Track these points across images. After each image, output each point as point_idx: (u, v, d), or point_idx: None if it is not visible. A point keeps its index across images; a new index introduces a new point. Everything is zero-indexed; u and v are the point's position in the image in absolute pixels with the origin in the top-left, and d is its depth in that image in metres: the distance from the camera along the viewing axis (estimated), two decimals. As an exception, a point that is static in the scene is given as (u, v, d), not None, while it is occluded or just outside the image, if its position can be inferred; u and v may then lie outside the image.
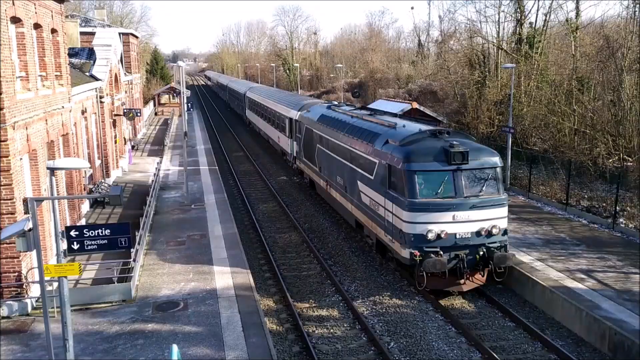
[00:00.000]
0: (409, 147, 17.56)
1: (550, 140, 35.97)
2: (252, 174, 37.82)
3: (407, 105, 45.38)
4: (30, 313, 15.65)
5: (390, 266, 19.80)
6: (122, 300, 16.32)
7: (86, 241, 11.25)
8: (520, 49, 43.99)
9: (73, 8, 63.49)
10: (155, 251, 20.68)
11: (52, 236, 17.57)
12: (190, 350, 13.45)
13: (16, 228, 10.51)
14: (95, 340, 14.04)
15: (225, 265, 19.12)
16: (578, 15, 41.75)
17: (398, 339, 14.93)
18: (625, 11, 35.85)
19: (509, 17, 47.49)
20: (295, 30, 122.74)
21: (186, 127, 30.82)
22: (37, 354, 13.40)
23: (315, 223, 25.50)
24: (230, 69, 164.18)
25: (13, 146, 15.27)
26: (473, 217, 16.76)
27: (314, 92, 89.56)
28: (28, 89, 17.17)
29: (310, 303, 17.34)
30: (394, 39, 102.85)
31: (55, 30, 20.70)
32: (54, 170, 10.80)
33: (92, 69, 31.80)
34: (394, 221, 17.53)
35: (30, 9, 17.29)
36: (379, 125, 21.39)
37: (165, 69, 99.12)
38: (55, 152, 19.93)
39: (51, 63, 19.82)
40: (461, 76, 49.75)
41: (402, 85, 68.65)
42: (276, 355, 13.44)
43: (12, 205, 15.18)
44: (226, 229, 23.23)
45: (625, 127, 31.08)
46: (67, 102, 21.82)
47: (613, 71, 32.93)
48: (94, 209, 26.49)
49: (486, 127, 43.54)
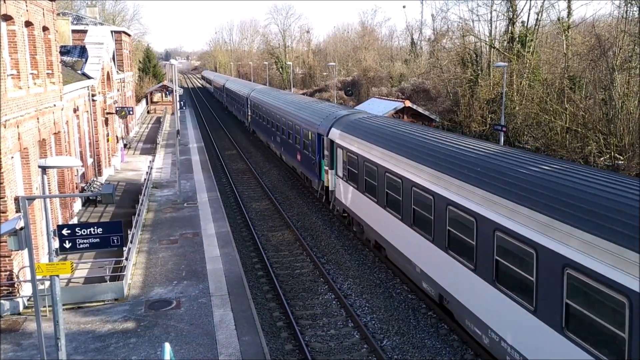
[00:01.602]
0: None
1: (542, 139, 36.15)
2: (244, 172, 37.78)
3: (400, 104, 45.54)
4: (21, 312, 15.60)
5: (383, 264, 19.85)
6: (115, 299, 16.29)
7: (78, 240, 11.23)
8: (513, 47, 44.19)
9: (65, 6, 63.25)
10: (147, 250, 20.64)
11: (43, 235, 17.51)
12: (182, 349, 13.44)
13: (8, 227, 10.47)
14: (88, 339, 14.01)
15: (217, 263, 19.11)
16: (570, 14, 41.98)
17: (391, 337, 14.97)
18: (616, 10, 36.08)
19: (501, 16, 47.72)
20: (288, 28, 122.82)
21: (179, 125, 30.75)
22: (29, 353, 13.35)
23: (308, 221, 25.51)
24: (223, 67, 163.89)
25: (4, 144, 15.19)
26: None
27: (307, 91, 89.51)
28: (19, 87, 17.08)
29: (303, 301, 17.35)
30: (386, 38, 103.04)
31: (47, 28, 20.61)
32: (45, 168, 10.77)
33: (84, 67, 31.67)
34: None
35: (21, 6, 17.20)
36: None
37: (158, 67, 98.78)
38: (47, 151, 19.86)
39: (43, 61, 19.72)
40: (454, 75, 49.92)
41: (394, 84, 68.73)
42: (269, 354, 13.46)
43: (3, 204, 15.11)
44: (219, 227, 23.21)
45: (616, 125, 31.27)
46: (58, 100, 21.73)
47: (604, 70, 33.12)
48: (86, 207, 26.40)
49: (478, 125, 43.72)
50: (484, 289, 12.16)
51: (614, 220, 9.04)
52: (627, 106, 30.91)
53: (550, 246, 9.93)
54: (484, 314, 12.30)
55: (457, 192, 13.25)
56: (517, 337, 11.09)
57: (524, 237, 10.64)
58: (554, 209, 10.22)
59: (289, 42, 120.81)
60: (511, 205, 11.28)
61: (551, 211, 10.24)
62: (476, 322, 12.64)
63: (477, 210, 12.27)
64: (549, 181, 11.03)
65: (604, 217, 9.23)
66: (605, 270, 8.75)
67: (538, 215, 10.45)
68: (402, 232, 16.65)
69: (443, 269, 14.15)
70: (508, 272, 11.32)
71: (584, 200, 9.89)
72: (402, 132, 18.58)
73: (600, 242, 8.97)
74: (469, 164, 13.53)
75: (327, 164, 24.96)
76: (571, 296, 9.52)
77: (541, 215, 10.37)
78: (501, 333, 11.61)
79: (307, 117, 29.30)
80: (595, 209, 9.50)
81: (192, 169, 36.05)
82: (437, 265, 14.52)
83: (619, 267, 8.51)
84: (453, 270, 13.54)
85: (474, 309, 12.70)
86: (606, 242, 8.86)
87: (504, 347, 11.48)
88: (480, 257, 12.25)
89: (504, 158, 13.15)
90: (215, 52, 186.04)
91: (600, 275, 8.83)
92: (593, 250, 9.03)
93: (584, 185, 10.41)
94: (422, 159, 15.53)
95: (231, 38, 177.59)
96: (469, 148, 14.67)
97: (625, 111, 30.94)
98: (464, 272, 12.98)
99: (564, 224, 9.79)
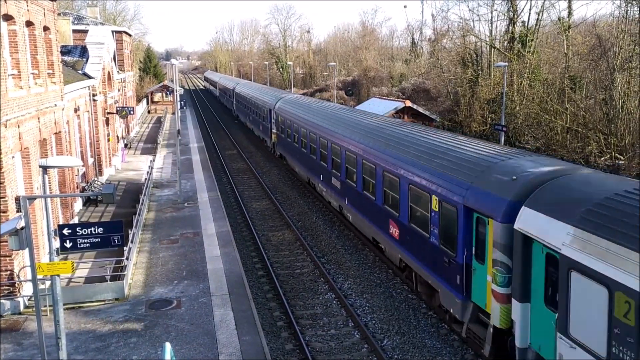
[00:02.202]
0: None
1: (543, 139, 36.17)
2: (245, 171, 37.78)
3: (400, 104, 45.54)
4: (22, 312, 15.61)
5: (384, 264, 19.85)
6: (115, 299, 16.30)
7: (79, 239, 11.24)
8: (513, 47, 44.21)
9: (65, 6, 63.26)
10: (148, 249, 20.66)
11: (44, 234, 17.52)
12: (183, 349, 13.46)
13: (8, 226, 10.49)
14: (88, 339, 14.02)
15: (218, 263, 19.12)
16: (570, 14, 42.00)
17: (391, 337, 14.98)
18: (617, 10, 36.09)
19: (501, 16, 47.76)
20: (288, 28, 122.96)
21: (179, 124, 30.77)
22: (30, 353, 13.37)
23: (309, 221, 25.52)
24: (224, 67, 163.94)
25: (5, 144, 15.21)
26: None
27: (307, 90, 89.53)
28: (20, 86, 17.10)
29: (303, 301, 17.36)
30: (387, 38, 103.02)
31: (48, 28, 20.62)
32: (46, 168, 10.79)
33: (85, 66, 31.69)
34: None
35: (22, 6, 17.22)
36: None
37: (158, 67, 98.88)
38: (47, 150, 19.87)
39: (43, 61, 19.74)
40: (454, 74, 49.94)
41: (395, 84, 68.76)
42: (269, 353, 13.47)
43: (4, 203, 15.12)
44: (219, 227, 23.22)
45: (617, 125, 31.28)
46: (59, 100, 21.74)
47: (605, 70, 33.14)
48: (86, 207, 26.42)
49: (479, 125, 43.73)
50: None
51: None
52: (627, 106, 30.94)
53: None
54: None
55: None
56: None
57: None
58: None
59: (289, 42, 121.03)
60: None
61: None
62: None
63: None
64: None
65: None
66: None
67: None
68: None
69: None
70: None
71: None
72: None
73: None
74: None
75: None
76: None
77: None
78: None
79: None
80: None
81: (193, 168, 36.07)
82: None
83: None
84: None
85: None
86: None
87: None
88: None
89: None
90: (216, 52, 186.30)
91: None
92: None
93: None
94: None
95: (232, 38, 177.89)
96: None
97: (626, 111, 30.96)
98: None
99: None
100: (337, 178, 23.49)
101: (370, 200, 19.43)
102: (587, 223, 9.67)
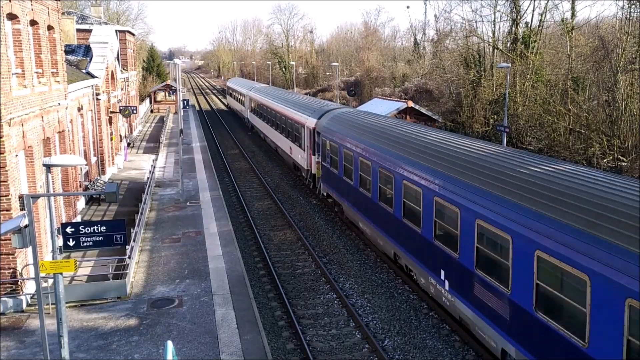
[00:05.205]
0: None
1: (545, 140, 36.16)
2: (247, 171, 37.82)
3: (403, 104, 45.53)
4: (25, 310, 15.67)
5: (385, 265, 19.87)
6: (117, 297, 16.36)
7: (82, 238, 11.28)
8: (516, 48, 44.20)
9: (69, 5, 63.38)
10: (150, 248, 20.72)
11: (47, 233, 17.60)
12: (184, 348, 13.51)
13: (12, 225, 10.54)
14: (90, 337, 14.08)
15: (220, 262, 19.17)
16: (573, 15, 41.93)
17: (392, 337, 15.02)
18: (620, 12, 36.10)
19: (504, 17, 47.73)
20: (291, 28, 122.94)
21: (182, 124, 30.83)
22: (32, 351, 13.43)
23: (310, 221, 25.56)
24: (227, 67, 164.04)
25: (9, 143, 15.28)
26: None
27: (310, 90, 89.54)
28: (24, 85, 17.17)
29: (304, 300, 17.40)
30: (389, 38, 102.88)
31: (52, 27, 20.69)
32: (49, 167, 10.84)
33: (89, 66, 31.75)
34: None
35: (26, 5, 17.29)
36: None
37: (162, 67, 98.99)
38: (51, 149, 19.94)
39: (47, 60, 19.81)
40: (457, 75, 49.94)
41: (397, 84, 68.73)
42: (270, 353, 13.51)
43: (7, 202, 15.19)
44: (221, 226, 23.28)
45: (619, 127, 31.27)
46: (63, 99, 21.81)
47: (608, 71, 33.11)
48: (89, 206, 26.49)
49: (481, 126, 43.72)
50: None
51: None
52: (630, 108, 30.92)
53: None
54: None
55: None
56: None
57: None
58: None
59: (292, 42, 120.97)
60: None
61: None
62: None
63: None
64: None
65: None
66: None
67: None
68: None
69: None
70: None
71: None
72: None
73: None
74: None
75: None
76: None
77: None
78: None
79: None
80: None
81: (195, 168, 36.13)
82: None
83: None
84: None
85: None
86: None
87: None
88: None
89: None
90: (219, 52, 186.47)
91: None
92: None
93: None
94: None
95: (234, 38, 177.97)
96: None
97: (629, 113, 30.94)
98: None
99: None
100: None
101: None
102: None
